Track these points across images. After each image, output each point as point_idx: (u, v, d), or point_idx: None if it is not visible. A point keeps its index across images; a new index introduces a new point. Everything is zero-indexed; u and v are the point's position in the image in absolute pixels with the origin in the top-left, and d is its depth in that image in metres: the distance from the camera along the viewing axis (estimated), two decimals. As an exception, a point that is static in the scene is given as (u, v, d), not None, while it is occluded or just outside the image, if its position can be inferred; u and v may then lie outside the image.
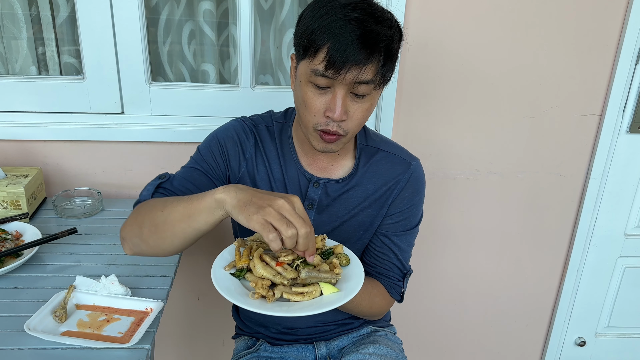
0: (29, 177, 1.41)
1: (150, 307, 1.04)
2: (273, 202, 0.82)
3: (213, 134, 1.15)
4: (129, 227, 1.01)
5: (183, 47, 1.63)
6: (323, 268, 0.95)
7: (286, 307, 0.88)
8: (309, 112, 0.99)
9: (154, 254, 1.01)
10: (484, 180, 1.75)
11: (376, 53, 0.92)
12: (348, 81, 0.93)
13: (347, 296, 0.90)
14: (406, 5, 1.49)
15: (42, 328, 0.96)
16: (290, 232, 0.81)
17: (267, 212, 0.80)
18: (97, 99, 1.54)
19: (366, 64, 0.91)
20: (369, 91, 0.96)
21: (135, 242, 1.00)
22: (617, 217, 1.87)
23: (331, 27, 0.90)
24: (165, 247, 0.97)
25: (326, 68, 0.92)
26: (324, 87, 0.96)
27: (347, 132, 1.00)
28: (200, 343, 1.90)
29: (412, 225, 1.20)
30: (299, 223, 0.82)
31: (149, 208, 0.98)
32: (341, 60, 0.90)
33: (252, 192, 0.84)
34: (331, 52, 0.90)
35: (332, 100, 0.96)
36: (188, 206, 0.90)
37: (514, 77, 1.62)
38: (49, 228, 1.37)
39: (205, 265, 1.77)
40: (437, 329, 1.99)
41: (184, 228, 0.92)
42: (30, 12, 1.54)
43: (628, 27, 1.57)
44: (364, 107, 0.98)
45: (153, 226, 0.95)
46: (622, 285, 1.99)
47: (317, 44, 0.92)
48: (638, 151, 1.77)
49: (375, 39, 0.91)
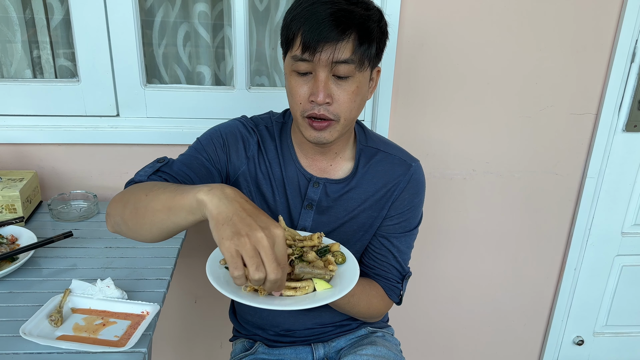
0: (24, 180, 1.41)
1: (146, 310, 1.03)
2: (252, 232, 0.73)
3: (216, 128, 1.15)
4: (114, 204, 0.96)
5: (178, 49, 1.63)
6: (318, 264, 0.95)
7: (278, 301, 0.87)
8: (295, 100, 1.00)
9: (132, 237, 0.95)
10: (480, 180, 1.75)
11: (349, 30, 0.93)
12: (325, 61, 0.94)
13: (339, 292, 0.90)
14: (401, 5, 1.49)
15: (38, 332, 0.96)
16: (257, 276, 0.73)
17: (242, 243, 0.73)
18: (92, 101, 1.53)
19: (340, 41, 0.93)
20: (350, 72, 0.96)
21: (116, 221, 0.95)
22: (614, 215, 1.87)
23: (304, 12, 0.94)
24: (143, 233, 0.91)
25: (302, 51, 0.94)
26: (305, 73, 0.97)
27: (337, 116, 0.99)
28: (198, 345, 1.90)
29: (412, 227, 1.20)
30: (271, 267, 0.73)
31: (137, 188, 0.93)
32: (315, 40, 0.92)
33: (236, 208, 0.76)
34: (304, 34, 0.93)
35: (314, 84, 0.97)
36: (171, 198, 0.83)
37: (510, 76, 1.62)
38: (44, 232, 1.36)
39: (203, 267, 1.74)
40: (435, 329, 1.99)
41: (163, 219, 0.85)
42: (25, 15, 1.54)
43: (623, 25, 1.57)
44: (349, 90, 0.98)
45: (135, 209, 0.90)
46: (619, 284, 2.00)
47: (292, 31, 0.96)
48: (634, 150, 1.77)
49: (346, 16, 0.93)
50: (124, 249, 1.29)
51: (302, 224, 1.14)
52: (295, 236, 1.02)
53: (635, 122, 1.71)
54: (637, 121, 1.71)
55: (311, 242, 1.00)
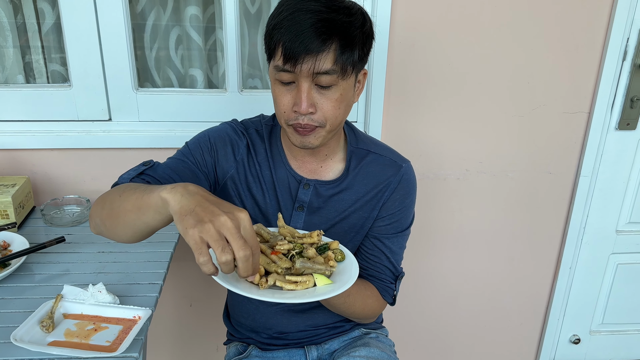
0: (16, 186, 1.41)
1: (138, 315, 1.03)
2: (215, 217, 0.73)
3: (205, 132, 1.15)
4: (95, 206, 0.97)
5: (170, 52, 1.63)
6: (318, 260, 0.96)
7: (278, 294, 0.87)
8: (280, 109, 1.00)
9: (111, 237, 0.96)
10: (474, 180, 1.75)
11: (330, 41, 0.92)
12: (306, 72, 0.93)
13: (340, 288, 0.90)
14: (392, 6, 1.49)
15: (29, 339, 0.96)
16: (224, 258, 0.73)
17: (206, 229, 0.72)
18: (84, 106, 1.53)
19: (320, 52, 0.91)
20: (332, 81, 0.95)
21: (96, 222, 0.96)
22: (608, 214, 1.87)
23: (286, 21, 0.92)
24: (118, 233, 0.92)
25: (284, 62, 0.93)
26: (289, 83, 0.97)
27: (322, 123, 0.99)
28: (193, 349, 1.89)
29: (404, 228, 1.20)
30: (237, 245, 0.73)
31: (114, 190, 0.93)
32: (295, 52, 0.91)
33: (199, 200, 0.76)
34: (285, 45, 0.91)
35: (297, 95, 0.96)
36: (139, 198, 0.84)
37: (502, 76, 1.63)
38: (37, 237, 1.36)
39: (198, 271, 1.76)
40: (430, 330, 1.99)
41: (133, 219, 0.86)
42: (16, 20, 1.54)
43: (614, 24, 1.57)
44: (333, 98, 0.97)
45: (110, 209, 0.90)
46: (615, 282, 2.00)
47: (274, 40, 0.94)
48: (627, 148, 1.77)
49: (328, 26, 0.91)
50: (117, 254, 1.29)
51: (294, 226, 1.14)
52: (295, 233, 1.03)
53: (628, 120, 1.72)
54: (629, 119, 1.72)
55: (311, 239, 1.01)
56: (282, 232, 1.03)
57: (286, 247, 0.94)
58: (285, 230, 1.03)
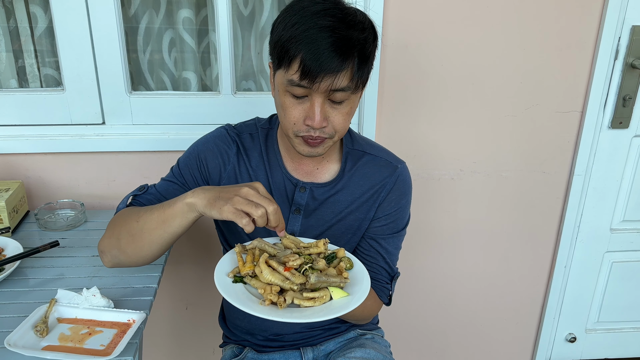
0: (10, 190, 1.40)
1: (132, 319, 1.03)
2: (238, 191, 0.90)
3: (194, 147, 1.16)
4: (106, 240, 1.05)
5: (164, 55, 1.62)
6: (330, 272, 0.96)
7: (298, 313, 0.87)
8: (289, 120, 0.99)
9: (133, 263, 1.06)
10: (468, 180, 1.76)
11: (350, 59, 0.92)
12: (323, 89, 0.93)
13: (359, 299, 0.91)
14: (384, 6, 1.50)
15: (23, 343, 0.95)
16: (259, 212, 0.88)
17: (235, 201, 0.88)
18: (77, 110, 1.53)
19: (340, 71, 0.92)
20: (346, 97, 0.97)
21: (114, 254, 1.05)
22: (602, 212, 1.88)
23: (303, 36, 0.91)
24: (144, 254, 1.03)
25: (301, 78, 0.92)
26: (301, 97, 0.96)
27: (332, 135, 1.01)
28: (190, 352, 1.89)
29: (400, 228, 1.20)
30: (265, 202, 0.89)
31: (123, 220, 1.03)
32: (315, 70, 0.90)
33: (219, 189, 0.93)
34: (304, 62, 0.91)
35: (310, 109, 0.96)
36: (161, 213, 0.97)
37: (494, 76, 1.63)
38: (31, 241, 1.35)
39: (193, 274, 1.76)
40: (426, 330, 1.99)
41: (161, 234, 0.98)
42: (9, 24, 1.54)
43: (605, 23, 1.58)
44: (344, 112, 0.99)
45: (130, 236, 1.01)
46: (610, 281, 2.00)
47: (290, 54, 0.92)
48: (620, 146, 1.78)
49: (347, 45, 0.91)
50: (111, 257, 1.29)
51: (291, 229, 1.15)
52: (299, 243, 1.03)
53: (620, 119, 1.72)
54: (622, 118, 1.72)
55: (317, 249, 1.01)
56: (286, 244, 1.02)
57: (298, 262, 0.94)
58: (288, 241, 1.02)
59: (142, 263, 1.06)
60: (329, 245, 1.05)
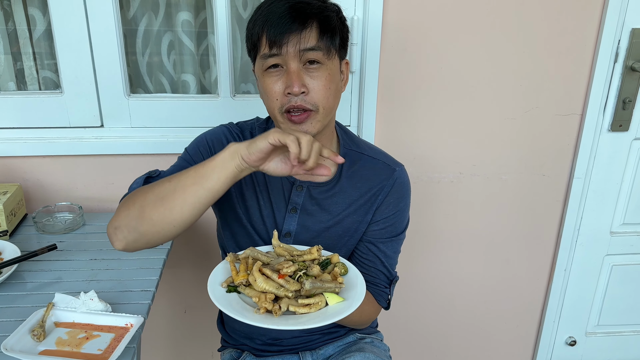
0: (7, 193, 1.40)
1: (130, 323, 1.03)
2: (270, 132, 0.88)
3: (202, 136, 1.16)
4: (123, 215, 0.97)
5: (162, 58, 1.62)
6: (325, 278, 0.95)
7: (294, 320, 0.87)
8: (271, 98, 1.02)
9: (154, 234, 0.96)
10: (468, 183, 1.75)
11: (310, 20, 0.98)
12: (293, 52, 0.98)
13: (354, 304, 0.91)
14: (383, 9, 1.49)
15: (20, 348, 0.95)
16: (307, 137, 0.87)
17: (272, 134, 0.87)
18: (75, 112, 1.52)
19: (303, 30, 0.97)
20: (319, 58, 1.00)
21: (131, 227, 0.96)
22: (602, 215, 1.87)
23: (264, 14, 0.99)
24: (173, 217, 0.93)
25: (270, 48, 0.98)
26: (277, 66, 1.00)
27: (315, 106, 1.01)
28: (188, 356, 1.88)
29: (398, 232, 1.20)
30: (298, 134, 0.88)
31: (148, 188, 0.98)
32: (279, 34, 0.97)
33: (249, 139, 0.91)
34: (268, 32, 0.98)
35: (287, 77, 1.00)
36: (199, 168, 0.93)
37: (494, 79, 1.63)
38: (29, 245, 1.35)
39: (192, 278, 1.76)
40: (426, 333, 1.98)
41: (196, 190, 0.92)
42: (7, 27, 1.53)
43: (605, 26, 1.58)
44: (322, 77, 1.01)
45: (159, 199, 0.94)
46: (610, 284, 2.00)
47: (257, 33, 1.00)
48: (620, 149, 1.78)
49: (304, 8, 0.98)
50: (109, 261, 1.28)
51: (287, 228, 1.14)
52: (293, 251, 1.02)
53: (620, 122, 1.72)
54: (622, 121, 1.72)
55: (311, 255, 1.00)
56: (279, 252, 1.02)
57: (292, 269, 0.94)
58: (281, 250, 1.02)
59: (164, 234, 0.96)
60: (322, 251, 1.05)
